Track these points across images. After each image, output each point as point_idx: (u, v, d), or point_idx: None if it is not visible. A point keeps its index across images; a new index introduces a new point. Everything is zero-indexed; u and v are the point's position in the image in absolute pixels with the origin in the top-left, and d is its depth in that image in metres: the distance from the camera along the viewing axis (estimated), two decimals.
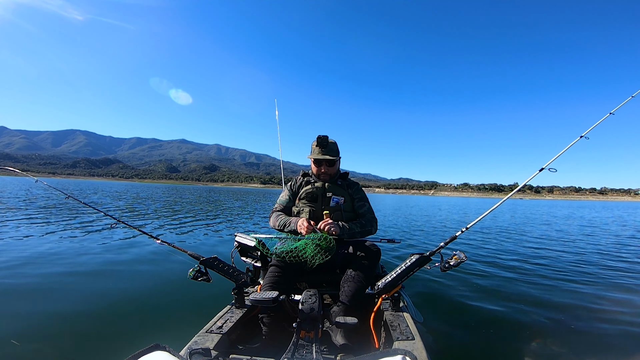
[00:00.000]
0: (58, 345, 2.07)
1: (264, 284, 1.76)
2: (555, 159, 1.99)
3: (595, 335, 2.49)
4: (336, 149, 2.18)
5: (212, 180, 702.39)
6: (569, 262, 5.02)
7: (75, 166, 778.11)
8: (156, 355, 0.91)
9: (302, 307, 1.29)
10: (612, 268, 4.70)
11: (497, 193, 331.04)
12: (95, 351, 2.04)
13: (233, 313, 1.69)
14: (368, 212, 2.17)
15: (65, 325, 2.36)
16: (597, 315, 2.88)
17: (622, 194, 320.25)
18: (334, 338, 1.53)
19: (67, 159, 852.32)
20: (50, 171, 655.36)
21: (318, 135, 2.09)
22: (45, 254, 4.32)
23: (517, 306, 3.04)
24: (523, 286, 3.68)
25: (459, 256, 1.63)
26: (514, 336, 2.44)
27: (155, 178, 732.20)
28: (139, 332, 2.32)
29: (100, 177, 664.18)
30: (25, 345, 2.02)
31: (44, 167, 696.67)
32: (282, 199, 2.24)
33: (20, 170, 2.84)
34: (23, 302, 2.75)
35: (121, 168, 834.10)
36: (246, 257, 2.32)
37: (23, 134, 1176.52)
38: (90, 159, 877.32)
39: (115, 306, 2.75)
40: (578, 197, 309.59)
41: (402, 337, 1.42)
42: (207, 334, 1.45)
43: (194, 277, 1.74)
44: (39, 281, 3.28)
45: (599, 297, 3.34)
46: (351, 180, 2.31)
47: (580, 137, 2.08)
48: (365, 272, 1.79)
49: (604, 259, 5.35)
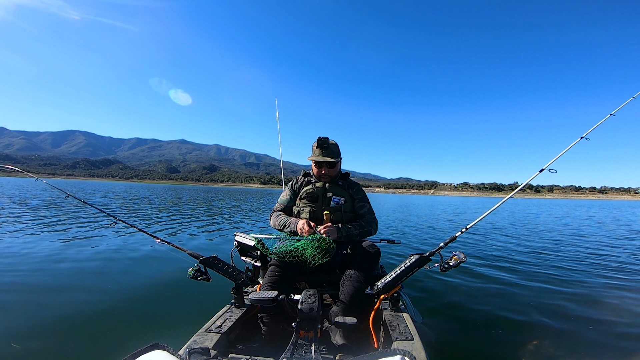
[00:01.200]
0: (56, 345, 2.07)
1: (263, 284, 1.76)
2: (555, 159, 1.98)
3: (595, 335, 2.50)
4: (337, 150, 2.16)
5: (212, 180, 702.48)
6: (569, 263, 5.02)
7: (75, 167, 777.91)
8: (155, 354, 0.91)
9: (301, 307, 1.28)
10: (612, 268, 4.70)
11: (497, 192, 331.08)
12: (94, 350, 2.04)
13: (232, 312, 1.69)
14: (368, 212, 2.16)
15: (64, 324, 2.36)
16: (596, 315, 2.88)
17: (622, 192, 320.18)
18: (333, 338, 1.53)
19: (67, 160, 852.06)
20: (50, 172, 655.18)
21: (319, 137, 2.08)
22: (44, 254, 4.33)
23: (516, 307, 3.04)
24: (522, 287, 3.68)
25: (459, 257, 1.63)
26: (513, 337, 2.44)
27: (155, 178, 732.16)
28: (138, 331, 2.32)
29: (100, 177, 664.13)
30: (24, 345, 2.02)
31: (44, 168, 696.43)
32: (283, 199, 2.24)
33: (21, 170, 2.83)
34: (23, 302, 2.75)
35: (121, 168, 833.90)
36: (246, 257, 2.32)
37: (23, 134, 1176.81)
38: (90, 159, 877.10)
39: (114, 305, 2.75)
40: (578, 196, 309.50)
41: (401, 337, 1.42)
42: (206, 333, 1.45)
43: (194, 276, 1.74)
44: (39, 281, 3.28)
45: (599, 297, 3.34)
46: (352, 180, 2.30)
47: (581, 138, 2.07)
48: (365, 272, 1.78)
49: (604, 259, 5.35)
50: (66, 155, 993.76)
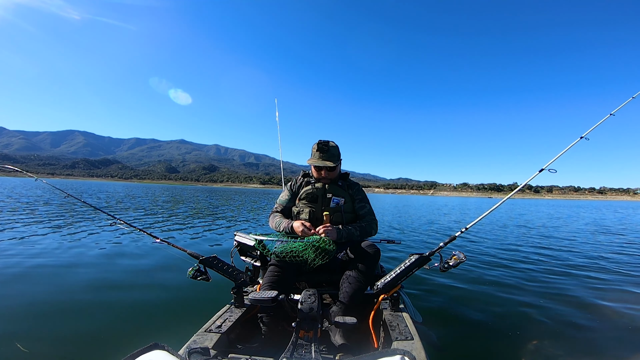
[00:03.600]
0: (56, 345, 2.07)
1: (263, 284, 1.76)
2: (555, 159, 1.99)
3: (595, 335, 2.50)
4: (337, 153, 2.13)
5: (212, 180, 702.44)
6: (569, 263, 5.02)
7: (74, 167, 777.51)
8: (155, 354, 0.91)
9: (301, 307, 1.28)
10: (611, 268, 4.71)
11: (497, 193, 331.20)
12: (93, 350, 2.03)
13: (232, 312, 1.69)
14: (369, 213, 2.16)
15: (63, 324, 2.35)
16: (596, 315, 2.88)
17: (621, 193, 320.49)
18: (333, 338, 1.53)
19: (66, 160, 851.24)
20: (49, 172, 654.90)
21: (319, 140, 2.07)
22: (44, 254, 4.32)
23: (516, 307, 3.04)
24: (522, 287, 3.68)
25: (458, 256, 1.63)
26: (513, 337, 2.44)
27: (154, 178, 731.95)
28: (138, 331, 2.32)
29: (99, 177, 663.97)
30: (24, 345, 2.02)
31: (43, 168, 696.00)
32: (282, 199, 2.24)
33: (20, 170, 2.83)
34: (22, 302, 2.75)
35: (120, 168, 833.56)
36: (245, 257, 2.32)
37: (22, 134, 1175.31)
38: (89, 159, 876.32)
39: (113, 305, 2.75)
40: (577, 197, 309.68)
41: (401, 337, 1.42)
42: (206, 333, 1.45)
43: (193, 276, 1.74)
44: (38, 280, 3.28)
45: (599, 297, 3.34)
46: (351, 180, 2.29)
47: (581, 138, 2.08)
48: (365, 272, 1.78)
49: (604, 260, 5.35)
50: (65, 155, 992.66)
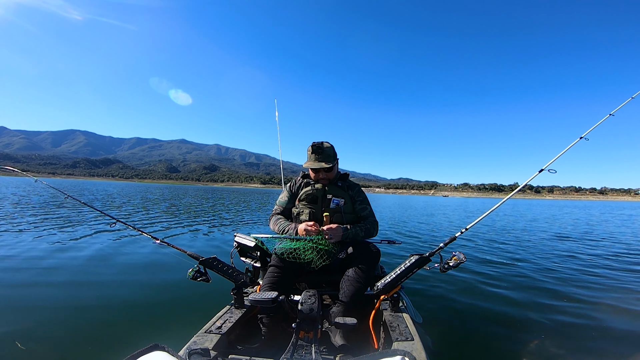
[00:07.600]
0: (56, 345, 2.07)
1: (263, 284, 1.76)
2: (555, 160, 1.99)
3: (595, 335, 2.49)
4: (332, 153, 2.12)
5: (212, 180, 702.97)
6: (569, 263, 5.02)
7: (75, 166, 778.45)
8: (155, 355, 0.91)
9: (301, 308, 1.28)
10: (611, 268, 4.71)
11: (497, 193, 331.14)
12: (93, 351, 2.03)
13: (232, 313, 1.69)
14: (370, 215, 2.16)
15: (63, 325, 2.36)
16: (596, 315, 2.88)
17: (622, 193, 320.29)
18: (333, 338, 1.53)
19: (67, 159, 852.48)
20: (50, 171, 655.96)
21: (313, 142, 2.06)
22: (43, 253, 4.32)
23: (516, 307, 3.04)
24: (522, 287, 3.68)
25: (459, 257, 1.63)
26: (513, 337, 2.44)
27: (155, 178, 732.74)
28: (138, 332, 2.32)
29: (100, 177, 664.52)
30: (24, 346, 2.02)
31: (44, 167, 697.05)
32: (282, 200, 2.23)
33: (20, 170, 2.84)
34: (21, 301, 2.75)
35: (121, 168, 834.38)
36: (245, 258, 2.32)
37: (23, 134, 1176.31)
38: (90, 159, 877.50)
39: (113, 306, 2.75)
40: (578, 197, 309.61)
41: (401, 337, 1.42)
42: (206, 334, 1.45)
43: (193, 277, 1.74)
44: (38, 281, 3.28)
45: (600, 297, 3.34)
46: (351, 181, 2.28)
47: (580, 138, 2.08)
48: (365, 272, 1.78)
49: (603, 260, 5.35)
50: (66, 154, 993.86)
